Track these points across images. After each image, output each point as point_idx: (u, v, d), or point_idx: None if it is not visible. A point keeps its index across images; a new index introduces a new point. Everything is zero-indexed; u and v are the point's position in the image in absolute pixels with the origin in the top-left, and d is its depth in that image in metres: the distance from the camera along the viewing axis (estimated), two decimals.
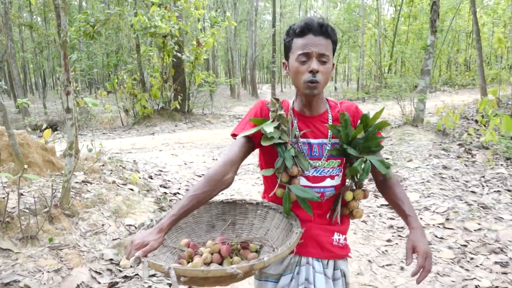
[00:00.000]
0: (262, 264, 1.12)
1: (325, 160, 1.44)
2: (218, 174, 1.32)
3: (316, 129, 1.46)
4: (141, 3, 10.82)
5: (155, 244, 1.18)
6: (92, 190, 3.96)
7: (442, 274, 3.04)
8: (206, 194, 1.30)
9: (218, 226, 1.58)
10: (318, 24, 1.35)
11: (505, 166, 5.65)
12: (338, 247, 1.48)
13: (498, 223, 3.83)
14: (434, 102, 12.40)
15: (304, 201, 1.37)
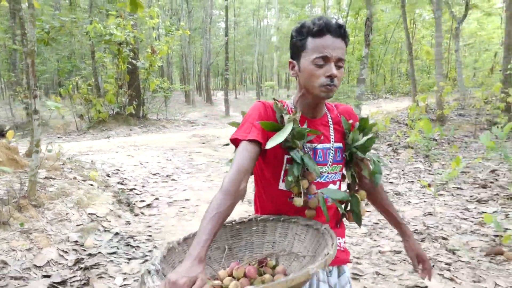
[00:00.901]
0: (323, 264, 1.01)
1: (330, 165, 1.40)
2: (236, 184, 1.20)
3: (321, 134, 1.40)
4: (96, 10, 11.11)
5: (205, 277, 1.01)
6: (56, 185, 4.38)
7: (355, 244, 3.75)
8: (229, 209, 1.17)
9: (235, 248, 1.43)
10: (337, 25, 1.29)
11: (422, 162, 6.57)
12: (340, 251, 1.44)
13: (406, 206, 4.63)
14: (376, 108, 13.50)
15: (324, 204, 1.30)
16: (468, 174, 5.79)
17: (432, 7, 9.03)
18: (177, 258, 1.27)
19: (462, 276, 3.08)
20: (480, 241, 3.65)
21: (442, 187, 5.21)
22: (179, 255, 1.28)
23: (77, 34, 13.18)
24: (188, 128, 12.55)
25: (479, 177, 5.62)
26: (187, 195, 5.20)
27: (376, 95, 20.01)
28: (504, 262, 3.25)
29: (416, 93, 11.03)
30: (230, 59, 35.82)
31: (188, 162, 7.06)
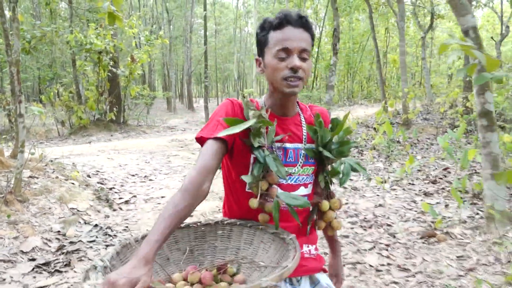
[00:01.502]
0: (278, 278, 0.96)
1: (301, 167, 1.33)
2: (196, 184, 1.13)
3: (292, 133, 1.34)
4: (76, 20, 11.47)
5: (148, 279, 0.94)
6: (39, 183, 4.75)
7: None
8: (187, 208, 1.10)
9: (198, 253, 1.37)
10: (298, 15, 1.24)
11: (383, 162, 7.11)
12: (311, 259, 1.36)
13: (360, 199, 5.13)
14: (353, 114, 14.10)
15: (293, 210, 1.22)
16: (423, 171, 6.35)
17: (396, 18, 9.65)
18: (132, 255, 1.13)
19: (397, 253, 3.58)
20: (420, 227, 4.16)
21: (395, 183, 5.74)
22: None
23: (57, 43, 13.48)
24: (168, 133, 12.93)
25: (432, 174, 6.17)
26: (163, 193, 5.60)
27: (352, 101, 20.68)
28: (435, 243, 3.76)
29: (385, 99, 11.65)
30: (212, 66, 36.34)
31: (166, 164, 7.46)
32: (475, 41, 3.56)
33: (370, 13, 11.32)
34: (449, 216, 4.33)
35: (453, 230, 3.93)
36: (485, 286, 2.87)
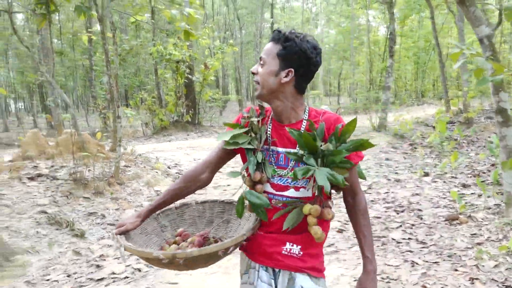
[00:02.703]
0: (184, 254, 1.23)
1: (290, 170, 1.41)
2: (194, 173, 1.47)
3: (286, 138, 1.42)
4: (158, 34, 13.04)
5: (130, 226, 1.39)
6: (131, 171, 5.98)
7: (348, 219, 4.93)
8: (181, 190, 1.46)
9: (216, 222, 1.69)
10: (276, 31, 1.40)
11: (433, 158, 7.52)
12: (291, 257, 1.42)
13: (401, 189, 5.71)
14: (418, 113, 14.24)
15: (256, 208, 1.38)
16: (470, 167, 6.70)
17: (455, 18, 9.83)
18: (189, 212, 1.72)
19: (419, 231, 4.19)
20: (448, 212, 4.69)
21: (438, 176, 6.20)
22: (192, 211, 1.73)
23: (142, 53, 15.26)
24: None
25: (478, 169, 6.52)
26: (229, 182, 6.60)
27: (421, 101, 20.45)
28: (456, 225, 4.30)
29: (448, 98, 11.75)
30: None
31: (234, 159, 8.49)
32: (489, 48, 4.08)
33: (431, 14, 11.50)
34: (478, 204, 4.80)
35: (476, 215, 4.42)
36: (485, 255, 3.44)
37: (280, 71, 1.37)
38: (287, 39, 1.36)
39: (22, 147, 5.72)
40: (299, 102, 1.45)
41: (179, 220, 1.65)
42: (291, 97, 1.42)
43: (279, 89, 1.39)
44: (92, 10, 6.26)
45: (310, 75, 1.42)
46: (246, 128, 1.46)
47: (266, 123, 1.48)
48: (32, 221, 4.11)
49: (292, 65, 1.37)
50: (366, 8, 19.94)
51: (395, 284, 3.10)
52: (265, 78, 1.38)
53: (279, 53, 1.36)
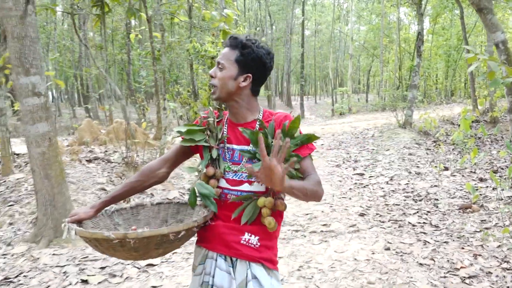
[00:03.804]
0: (135, 234, 1.26)
1: (244, 165, 1.50)
2: (151, 168, 1.58)
3: (241, 136, 1.52)
4: (194, 31, 13.70)
5: (83, 215, 1.46)
6: None
7: (370, 205, 5.42)
8: (137, 183, 1.56)
9: (170, 222, 1.71)
10: (232, 37, 1.51)
11: (455, 154, 7.86)
12: (248, 247, 1.48)
13: (420, 181, 6.13)
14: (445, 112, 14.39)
15: (205, 197, 1.49)
16: (489, 163, 7.03)
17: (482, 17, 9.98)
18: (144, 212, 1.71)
19: (434, 217, 4.64)
20: (463, 202, 5.11)
21: (458, 171, 6.58)
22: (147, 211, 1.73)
23: (176, 49, 15.98)
24: None
25: (497, 165, 6.85)
26: None
27: (450, 100, 20.43)
28: (469, 212, 4.73)
29: (475, 97, 11.92)
30: (311, 65, 37.60)
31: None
32: (505, 52, 4.48)
33: (461, 14, 11.69)
34: (492, 196, 5.19)
35: (488, 205, 4.84)
36: (491, 238, 3.88)
37: (238, 76, 1.48)
38: (244, 46, 1.47)
39: (79, 134, 6.45)
40: (254, 104, 1.57)
41: (133, 219, 1.66)
42: (246, 99, 1.53)
43: (236, 92, 1.50)
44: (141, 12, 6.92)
45: (264, 79, 1.55)
46: (203, 127, 1.56)
47: (222, 123, 1.58)
48: (95, 196, 4.80)
49: (249, 71, 1.48)
50: (397, 6, 20.03)
51: (407, 257, 3.59)
52: (225, 81, 1.48)
53: (238, 59, 1.47)
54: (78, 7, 7.87)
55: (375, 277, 3.24)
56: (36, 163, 3.80)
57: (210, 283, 1.46)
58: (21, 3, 3.52)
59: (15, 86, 3.69)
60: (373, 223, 4.56)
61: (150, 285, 3.17)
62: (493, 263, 3.37)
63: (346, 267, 3.45)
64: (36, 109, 3.70)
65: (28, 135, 3.76)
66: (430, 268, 3.37)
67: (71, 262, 3.50)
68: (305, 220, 4.73)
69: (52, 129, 3.88)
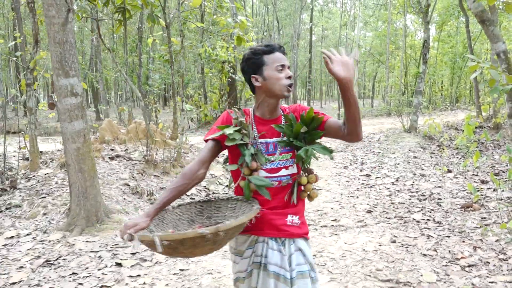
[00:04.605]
0: (225, 226, 1.35)
1: (279, 154, 1.72)
2: (192, 171, 1.64)
3: (272, 130, 1.73)
4: (207, 36, 14.10)
5: (144, 224, 1.49)
6: (189, 156, 6.98)
7: (377, 203, 5.74)
8: (183, 186, 1.62)
9: (197, 220, 1.80)
10: (279, 45, 1.73)
11: (458, 158, 8.16)
12: (294, 226, 1.73)
13: (425, 182, 6.44)
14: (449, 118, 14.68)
15: (261, 188, 1.65)
16: (491, 166, 7.32)
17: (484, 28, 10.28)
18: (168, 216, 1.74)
19: (437, 215, 4.95)
20: (464, 202, 5.41)
21: (460, 173, 6.88)
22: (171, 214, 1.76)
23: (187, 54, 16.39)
24: None
25: (498, 168, 7.14)
26: None
27: (455, 106, 20.69)
28: (470, 211, 5.03)
29: (479, 104, 12.19)
30: (317, 70, 37.93)
31: None
32: (505, 62, 4.79)
33: (466, 22, 11.99)
34: (492, 196, 5.49)
35: (488, 204, 5.14)
36: (490, 233, 4.18)
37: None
38: (285, 50, 1.76)
39: (100, 133, 6.81)
40: None
41: (161, 224, 1.70)
42: None
43: None
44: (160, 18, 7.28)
45: None
46: (237, 127, 1.69)
47: (248, 121, 1.74)
48: (119, 191, 5.14)
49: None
50: (404, 13, 20.37)
51: (412, 249, 3.90)
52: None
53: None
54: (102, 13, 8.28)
55: (382, 265, 3.55)
56: (72, 158, 4.15)
57: (263, 262, 1.67)
58: (63, 11, 3.88)
59: (55, 87, 4.04)
60: (380, 219, 4.87)
61: (178, 269, 3.50)
62: (491, 255, 3.67)
63: (355, 256, 3.76)
64: (74, 108, 4.06)
65: (65, 132, 4.12)
66: (433, 258, 3.68)
67: (104, 248, 3.83)
68: (316, 216, 5.05)
69: (86, 127, 4.23)
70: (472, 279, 3.24)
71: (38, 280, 3.21)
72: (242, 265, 1.72)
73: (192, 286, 3.20)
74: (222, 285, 3.23)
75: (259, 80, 1.69)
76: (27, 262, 3.52)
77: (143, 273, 3.39)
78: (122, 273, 3.36)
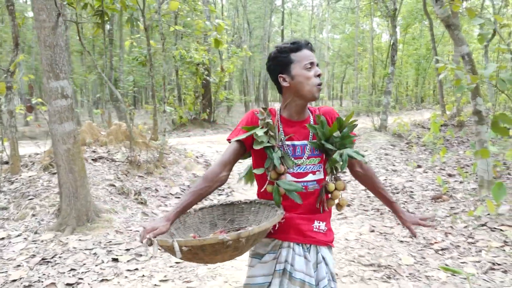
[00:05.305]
0: (247, 233, 1.30)
1: (306, 158, 1.64)
2: (214, 173, 1.57)
3: (299, 132, 1.65)
4: (180, 39, 14.19)
5: (163, 228, 1.41)
6: (171, 157, 7.10)
7: (354, 197, 6.05)
8: (204, 189, 1.54)
9: (220, 224, 1.76)
10: (307, 42, 1.64)
11: (426, 154, 8.63)
12: (320, 233, 1.65)
13: (397, 177, 6.82)
14: (416, 117, 15.35)
15: (291, 192, 1.57)
16: (457, 161, 7.80)
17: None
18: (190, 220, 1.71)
19: (410, 206, 5.30)
20: (434, 194, 5.79)
21: (429, 168, 7.32)
22: (192, 218, 1.73)
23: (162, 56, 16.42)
24: None
25: (463, 163, 7.62)
26: None
27: (420, 106, 21.55)
28: (440, 202, 5.41)
29: (443, 103, 12.84)
30: None
31: None
32: (469, 63, 5.20)
33: (430, 25, 12.62)
34: (459, 188, 5.91)
35: (456, 195, 5.54)
36: (459, 220, 4.54)
37: None
38: (313, 47, 1.68)
39: (81, 135, 6.83)
40: None
41: (182, 228, 1.67)
42: None
43: None
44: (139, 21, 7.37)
45: None
46: (264, 129, 1.61)
47: (275, 122, 1.66)
48: (106, 191, 5.23)
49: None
50: (370, 16, 21.07)
51: (390, 236, 4.21)
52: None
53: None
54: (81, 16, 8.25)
55: (364, 251, 3.83)
56: (62, 159, 4.23)
57: (288, 269, 1.59)
58: (54, 16, 3.97)
59: (45, 89, 4.11)
60: (358, 212, 5.18)
61: (173, 261, 3.66)
62: (460, 239, 4.03)
63: (339, 245, 4.03)
64: (64, 109, 4.15)
65: (55, 133, 4.19)
66: (409, 244, 3.99)
67: (97, 246, 3.94)
68: None
69: (76, 128, 4.32)
70: (445, 260, 3.57)
71: (38, 277, 3.29)
72: (259, 269, 1.65)
73: (189, 276, 3.37)
74: (217, 275, 3.42)
75: (287, 80, 1.62)
76: (23, 261, 3.59)
77: (140, 267, 3.53)
78: (119, 267, 3.49)
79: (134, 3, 7.04)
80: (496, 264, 3.43)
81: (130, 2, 6.60)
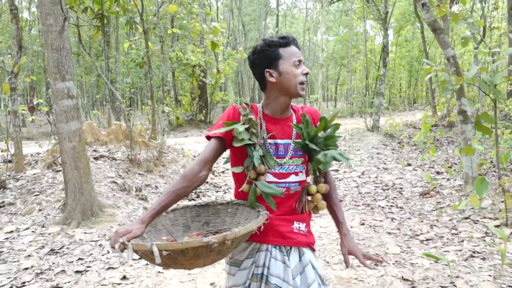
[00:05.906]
0: (233, 234, 1.20)
1: (289, 158, 1.57)
2: (193, 172, 1.46)
3: (282, 131, 1.58)
4: (176, 41, 14.42)
5: (138, 232, 1.29)
6: (169, 156, 7.33)
7: (346, 193, 6.31)
8: (183, 189, 1.43)
9: (194, 227, 1.67)
10: (293, 37, 1.59)
11: (416, 153, 8.92)
12: (300, 234, 1.57)
13: (388, 175, 7.09)
14: (408, 118, 15.69)
15: (268, 196, 1.49)
16: (447, 160, 8.09)
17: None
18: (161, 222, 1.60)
19: (399, 201, 5.56)
20: (422, 190, 6.06)
21: (419, 166, 7.59)
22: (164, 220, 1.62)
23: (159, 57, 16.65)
24: None
25: (452, 162, 7.91)
26: None
27: (413, 107, 21.89)
28: (428, 197, 5.67)
29: (434, 104, 13.16)
30: None
31: None
32: (454, 65, 5.48)
33: (421, 28, 12.94)
34: (446, 184, 6.18)
35: (443, 191, 5.81)
36: (444, 214, 4.81)
37: None
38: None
39: None
40: None
41: (154, 231, 1.56)
42: None
43: None
44: (138, 24, 7.60)
45: None
46: (246, 125, 1.52)
47: (257, 119, 1.57)
48: (108, 188, 5.45)
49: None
50: (364, 19, 21.42)
51: (379, 229, 4.47)
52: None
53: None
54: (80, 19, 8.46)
55: None
56: (68, 156, 4.45)
57: (265, 273, 1.51)
58: (60, 20, 4.19)
59: (52, 90, 4.33)
60: (350, 207, 5.43)
61: None
62: (444, 231, 4.29)
63: (330, 236, 4.28)
64: (70, 109, 4.37)
65: (61, 132, 4.41)
66: (397, 235, 4.25)
67: (102, 238, 4.16)
68: None
69: (81, 127, 4.54)
70: (429, 249, 3.82)
71: (48, 265, 3.51)
72: (239, 278, 1.57)
73: None
74: (218, 263, 3.65)
75: (274, 75, 1.54)
76: (33, 252, 3.81)
77: None
78: (124, 256, 3.71)
79: (133, 7, 7.27)
80: (476, 252, 3.69)
81: (129, 6, 6.83)
